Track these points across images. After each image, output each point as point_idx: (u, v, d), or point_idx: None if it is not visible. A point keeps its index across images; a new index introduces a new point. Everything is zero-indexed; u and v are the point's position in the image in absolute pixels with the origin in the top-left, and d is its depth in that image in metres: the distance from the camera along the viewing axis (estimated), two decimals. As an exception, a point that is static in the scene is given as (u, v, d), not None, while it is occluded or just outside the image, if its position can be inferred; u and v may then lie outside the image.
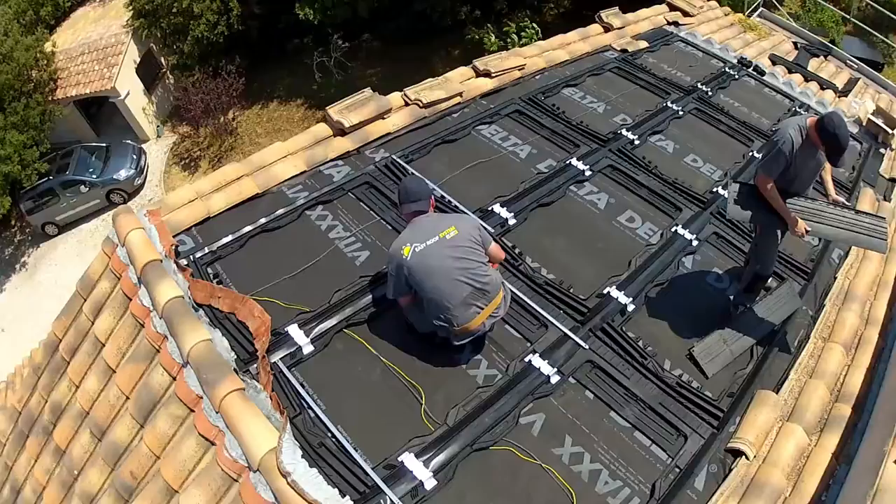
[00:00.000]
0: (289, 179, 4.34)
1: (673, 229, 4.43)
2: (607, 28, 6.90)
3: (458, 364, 3.35)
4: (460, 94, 5.36)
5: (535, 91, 5.65)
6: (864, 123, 6.22)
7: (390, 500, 2.69)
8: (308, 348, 3.26)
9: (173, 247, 3.58)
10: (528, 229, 4.26)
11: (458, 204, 4.24)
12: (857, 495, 2.82)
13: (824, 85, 7.05)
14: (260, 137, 16.32)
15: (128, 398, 3.29)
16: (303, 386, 3.10)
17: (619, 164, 4.94)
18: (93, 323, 3.68)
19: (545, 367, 3.34)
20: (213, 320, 3.29)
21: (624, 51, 6.58)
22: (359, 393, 3.15)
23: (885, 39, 13.59)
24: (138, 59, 16.54)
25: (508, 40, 13.89)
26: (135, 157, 15.43)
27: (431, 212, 3.28)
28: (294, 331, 3.31)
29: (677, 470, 3.03)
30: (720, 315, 3.90)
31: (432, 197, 3.30)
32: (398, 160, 4.58)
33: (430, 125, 5.07)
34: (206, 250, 3.75)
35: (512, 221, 4.24)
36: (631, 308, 3.79)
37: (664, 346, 3.67)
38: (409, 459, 2.85)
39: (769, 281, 4.06)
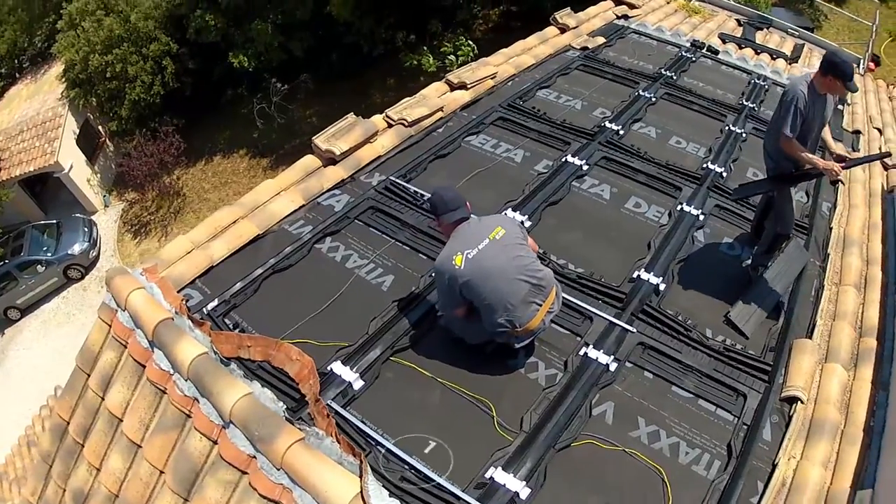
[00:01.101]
0: (288, 216, 4.05)
1: (678, 208, 4.44)
2: (563, 29, 6.95)
3: (516, 370, 3.19)
4: (441, 109, 5.21)
5: (513, 97, 5.58)
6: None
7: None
8: (358, 383, 2.98)
9: (183, 301, 3.24)
10: (544, 228, 4.13)
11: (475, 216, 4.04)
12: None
13: (774, 55, 7.30)
14: (208, 193, 15.80)
15: (162, 472, 2.90)
16: (364, 423, 2.82)
17: (612, 155, 4.90)
18: (103, 398, 3.27)
19: (602, 356, 3.27)
20: (247, 372, 2.96)
21: (584, 48, 6.62)
22: (424, 418, 2.91)
23: (810, 6, 14.30)
24: (77, 131, 15.87)
25: (447, 60, 13.93)
26: (86, 229, 14.63)
27: (472, 217, 3.09)
28: (339, 368, 3.02)
29: (745, 427, 3.08)
30: (742, 279, 3.98)
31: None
32: (397, 181, 4.37)
33: (418, 143, 4.89)
34: (218, 301, 3.41)
35: (528, 223, 4.09)
36: (662, 287, 3.77)
37: (701, 316, 3.68)
38: (497, 474, 2.67)
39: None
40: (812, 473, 2.90)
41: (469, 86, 5.55)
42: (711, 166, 4.90)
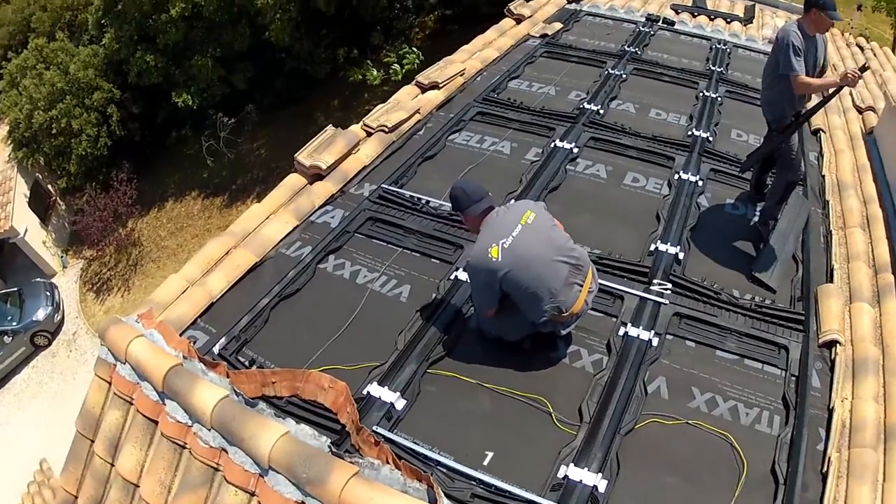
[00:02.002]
0: (284, 239, 3.73)
1: (676, 177, 4.34)
2: (519, 19, 6.83)
3: (560, 361, 2.99)
4: (418, 111, 4.98)
5: (486, 90, 5.39)
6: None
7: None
8: (401, 403, 2.70)
9: (191, 343, 2.89)
10: (552, 212, 3.90)
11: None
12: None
13: (728, 19, 7.34)
14: (165, 241, 15.13)
15: (196, 537, 2.55)
16: (416, 443, 2.54)
17: (599, 135, 4.77)
18: (113, 464, 2.89)
19: (642, 333, 3.12)
20: (277, 411, 2.63)
21: (544, 35, 6.51)
22: (478, 427, 2.67)
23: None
24: (28, 192, 15.00)
25: (391, 70, 13.68)
26: (48, 293, 13.73)
27: (498, 206, 2.86)
28: (376, 390, 2.73)
29: (794, 378, 3.01)
30: (754, 236, 3.91)
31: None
32: (390, 188, 4.10)
33: (402, 147, 4.64)
34: (227, 339, 3.07)
35: (533, 210, 3.88)
36: (682, 256, 3.64)
37: (724, 278, 3.58)
38: (571, 471, 2.48)
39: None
40: (867, 410, 2.89)
41: (441, 85, 5.33)
42: (697, 133, 4.82)
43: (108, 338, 2.94)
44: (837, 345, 3.18)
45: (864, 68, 3.47)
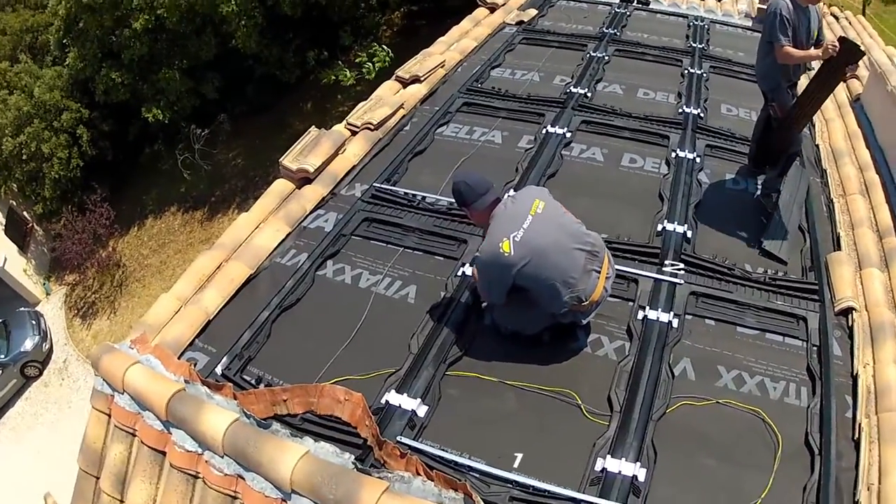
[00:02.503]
0: (277, 248, 3.53)
1: (673, 155, 4.23)
2: (492, 8, 6.68)
3: (581, 350, 2.86)
4: (402, 106, 4.80)
5: (469, 81, 5.22)
6: (755, 14, 6.42)
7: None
8: (422, 409, 2.54)
9: (192, 366, 2.69)
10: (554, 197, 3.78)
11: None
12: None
13: (701, -6, 7.28)
14: (148, 259, 14.69)
15: (217, 570, 2.36)
16: (444, 450, 2.39)
17: (590, 118, 4.64)
18: (122, 501, 2.68)
19: (662, 315, 3.00)
20: (292, 430, 2.45)
21: (520, 22, 6.37)
22: (506, 427, 2.53)
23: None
24: (3, 221, 14.45)
25: (364, 69, 13.41)
26: (34, 323, 13.24)
27: (504, 196, 2.70)
28: (395, 398, 2.56)
29: (815, 348, 2.95)
30: (757, 209, 3.82)
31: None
32: (383, 187, 3.92)
33: (390, 144, 4.46)
34: (229, 358, 2.86)
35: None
36: (689, 234, 3.53)
37: (733, 254, 3.49)
38: (609, 463, 2.36)
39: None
40: (891, 374, 2.80)
41: (423, 78, 5.16)
42: (688, 110, 4.73)
43: (102, 367, 2.73)
44: (853, 311, 3.11)
45: (842, 40, 3.39)
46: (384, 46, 13.39)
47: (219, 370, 2.79)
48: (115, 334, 12.87)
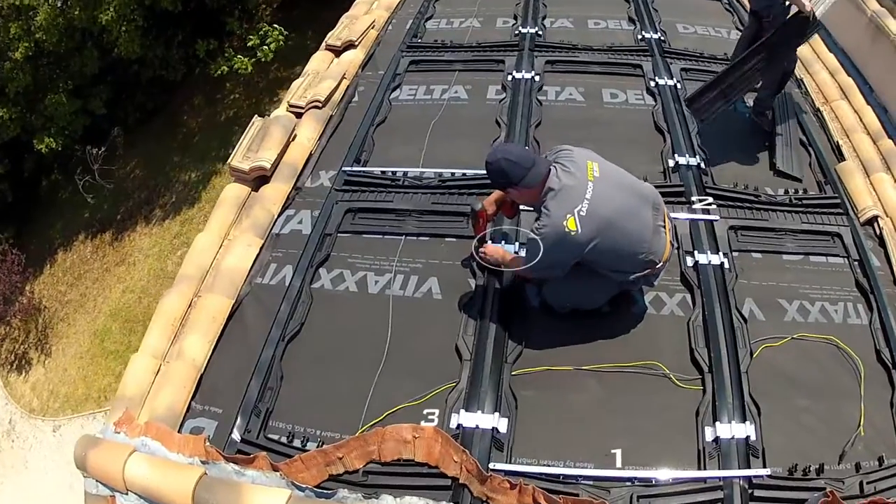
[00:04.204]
0: (254, 266, 2.91)
1: (652, 84, 3.93)
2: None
3: (645, 313, 2.55)
4: (344, 76, 4.16)
5: (406, 38, 4.64)
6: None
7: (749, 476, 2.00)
8: (503, 423, 2.13)
9: (206, 442, 2.10)
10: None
11: (481, 172, 3.19)
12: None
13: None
14: (67, 295, 13.03)
15: None
16: (546, 464, 2.04)
17: (552, 57, 4.21)
18: None
19: (711, 258, 2.75)
20: (360, 490, 1.95)
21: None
22: (599, 418, 2.21)
23: None
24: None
25: (259, 52, 12.33)
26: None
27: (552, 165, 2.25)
28: (467, 418, 2.13)
29: (857, 262, 2.82)
30: (753, 128, 3.61)
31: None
32: (354, 170, 3.35)
33: (343, 121, 3.84)
34: (243, 417, 2.27)
35: (532, 155, 3.32)
36: (702, 164, 3.27)
37: (751, 178, 3.26)
38: (720, 429, 2.13)
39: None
40: None
41: (357, 42, 4.51)
42: (647, 35, 4.41)
43: (91, 467, 2.07)
44: (878, 219, 3.00)
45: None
46: (275, 26, 12.31)
47: (236, 436, 2.20)
48: (54, 381, 11.51)
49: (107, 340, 11.21)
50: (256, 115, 3.63)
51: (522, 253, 2.53)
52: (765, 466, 2.03)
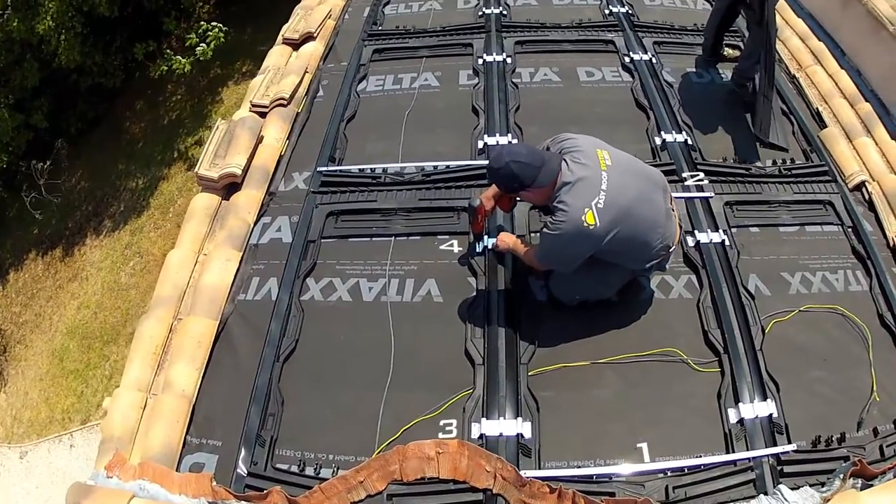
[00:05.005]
0: (235, 281, 2.71)
1: (627, 59, 3.84)
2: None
3: (652, 298, 2.50)
4: (307, 71, 3.94)
5: (367, 25, 4.42)
6: None
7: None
8: (526, 428, 2.06)
9: (212, 480, 1.92)
10: (535, 137, 3.21)
11: (466, 163, 3.11)
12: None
13: None
14: (22, 316, 12.28)
15: None
16: (577, 465, 2.00)
17: (522, 38, 4.08)
18: None
19: (712, 235, 2.71)
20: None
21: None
22: (622, 410, 2.17)
23: None
24: None
25: (198, 50, 11.79)
26: None
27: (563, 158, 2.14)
28: (490, 426, 2.04)
29: (851, 229, 2.84)
30: (733, 98, 3.56)
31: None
32: (330, 170, 3.17)
33: (310, 118, 3.63)
34: (247, 448, 2.10)
35: (514, 141, 3.21)
36: (689, 141, 3.22)
37: (738, 151, 3.22)
38: (743, 409, 2.11)
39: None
40: None
41: (316, 34, 4.27)
42: (615, 9, 4.32)
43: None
44: (865, 184, 3.03)
45: None
46: (214, 23, 11.77)
47: (242, 469, 2.04)
48: (16, 406, 10.92)
49: (66, 359, 10.68)
50: (221, 119, 3.40)
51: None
52: (790, 442, 2.02)
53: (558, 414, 2.10)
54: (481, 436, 2.01)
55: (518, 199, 2.43)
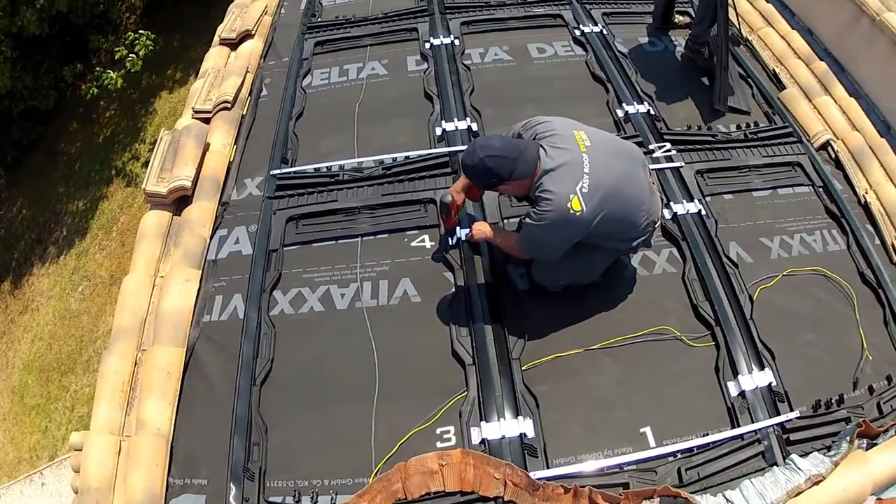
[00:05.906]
0: (197, 303, 2.49)
1: (577, 32, 3.72)
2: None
3: (636, 275, 2.43)
4: (248, 70, 3.67)
5: (306, 18, 4.17)
6: None
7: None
8: (528, 426, 1.96)
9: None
10: (492, 124, 3.12)
11: (427, 152, 2.94)
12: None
13: None
14: None
15: None
16: (587, 459, 1.91)
17: (467, 18, 3.90)
18: None
19: (689, 206, 2.65)
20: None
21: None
22: (624, 396, 2.09)
23: None
24: None
25: (128, 61, 11.11)
26: None
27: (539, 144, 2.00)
28: (490, 429, 1.93)
29: (822, 189, 2.83)
30: (691, 65, 3.50)
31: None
32: (284, 172, 2.96)
33: (256, 120, 3.38)
34: (235, 484, 1.92)
35: (475, 126, 3.06)
36: (652, 111, 3.15)
37: (702, 116, 3.18)
38: (743, 381, 2.08)
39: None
40: (891, 192, 2.81)
41: (254, 32, 3.99)
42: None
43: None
44: (829, 144, 3.03)
45: None
46: (141, 31, 11.07)
47: (240, 498, 1.86)
48: None
49: (26, 396, 10.09)
50: (164, 130, 3.10)
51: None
52: (791, 409, 1.98)
53: (558, 407, 2.00)
54: (483, 440, 1.90)
55: (498, 192, 2.30)
